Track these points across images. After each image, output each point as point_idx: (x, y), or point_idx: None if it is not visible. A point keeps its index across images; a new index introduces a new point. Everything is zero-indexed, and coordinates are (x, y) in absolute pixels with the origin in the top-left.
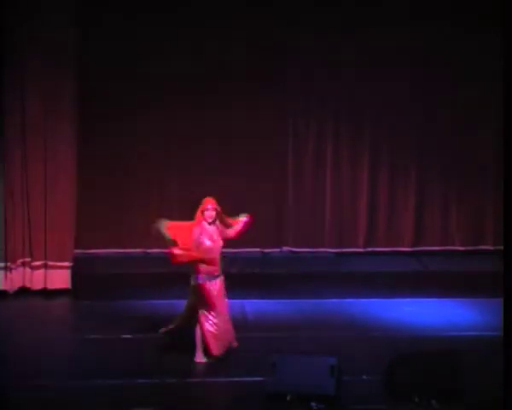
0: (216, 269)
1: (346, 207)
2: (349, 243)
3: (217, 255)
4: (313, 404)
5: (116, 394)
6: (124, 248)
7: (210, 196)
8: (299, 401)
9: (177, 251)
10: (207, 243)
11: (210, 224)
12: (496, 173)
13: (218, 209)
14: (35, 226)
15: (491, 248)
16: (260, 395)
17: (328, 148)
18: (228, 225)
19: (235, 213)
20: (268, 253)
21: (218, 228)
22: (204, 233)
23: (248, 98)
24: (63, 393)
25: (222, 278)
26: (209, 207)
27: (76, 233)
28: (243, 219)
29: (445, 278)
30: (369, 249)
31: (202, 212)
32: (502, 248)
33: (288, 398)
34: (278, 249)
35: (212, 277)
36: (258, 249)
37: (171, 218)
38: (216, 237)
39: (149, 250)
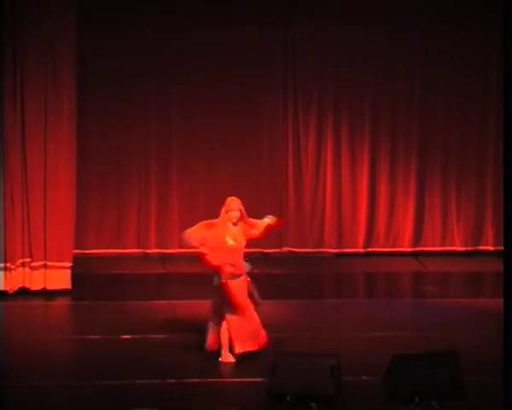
0: (238, 269)
1: (346, 208)
2: (349, 243)
3: (240, 255)
4: (313, 404)
5: (116, 394)
6: (123, 248)
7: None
8: (299, 401)
9: (205, 250)
10: (231, 242)
11: (234, 224)
12: (496, 173)
13: (242, 209)
14: (35, 227)
15: (492, 248)
16: (260, 395)
17: (328, 148)
18: (251, 226)
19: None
20: (268, 253)
21: (241, 228)
22: (228, 233)
23: (248, 97)
24: (63, 393)
25: (245, 277)
26: (233, 207)
27: (76, 234)
28: (268, 220)
29: (445, 278)
30: (369, 250)
31: (227, 212)
32: (502, 248)
33: (288, 398)
34: (278, 250)
35: (235, 276)
36: (258, 250)
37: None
38: (239, 237)
39: (149, 251)
